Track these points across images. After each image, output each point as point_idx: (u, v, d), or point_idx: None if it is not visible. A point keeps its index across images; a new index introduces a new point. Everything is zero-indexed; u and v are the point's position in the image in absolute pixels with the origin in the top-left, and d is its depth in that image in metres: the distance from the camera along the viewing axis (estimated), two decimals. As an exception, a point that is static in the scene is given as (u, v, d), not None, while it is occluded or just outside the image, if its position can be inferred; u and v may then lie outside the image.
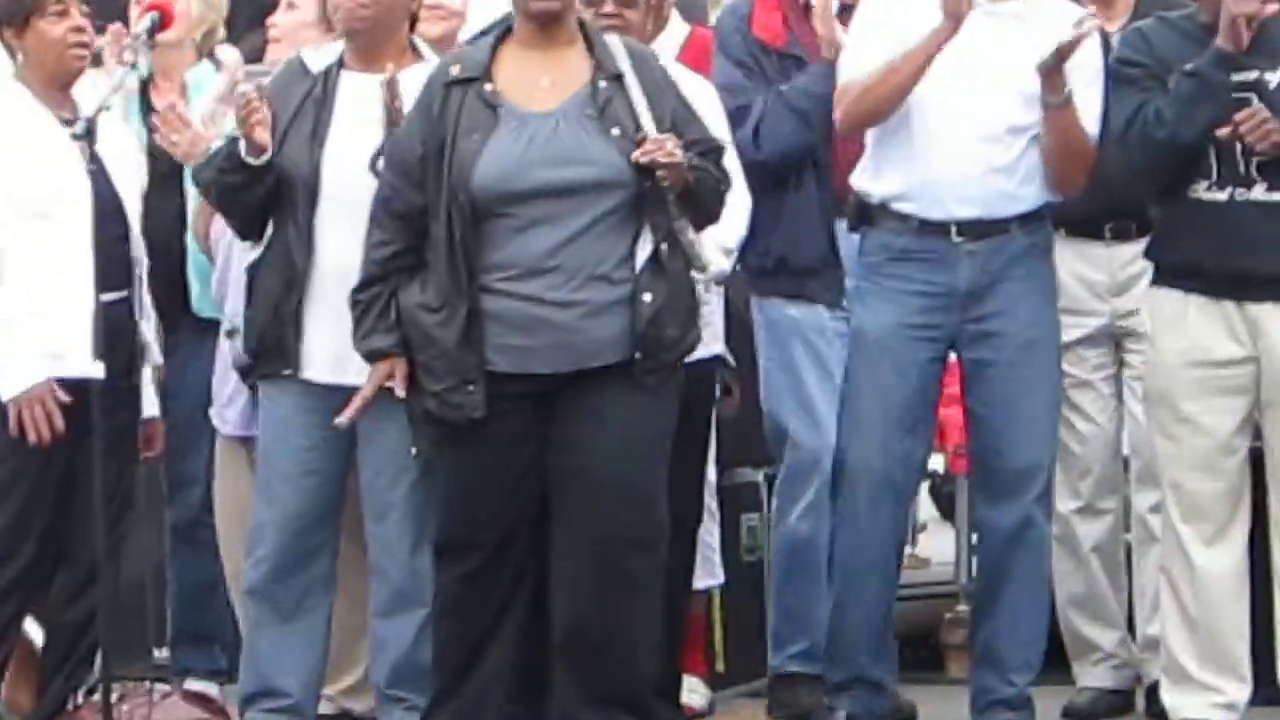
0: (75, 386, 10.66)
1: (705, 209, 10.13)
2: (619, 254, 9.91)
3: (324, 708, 11.26)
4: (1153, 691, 11.71)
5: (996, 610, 11.27)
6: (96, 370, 10.47)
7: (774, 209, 11.65)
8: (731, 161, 10.50)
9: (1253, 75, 10.73)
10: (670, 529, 10.44)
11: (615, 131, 9.86)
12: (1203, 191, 10.83)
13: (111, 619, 10.73)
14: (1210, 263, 10.84)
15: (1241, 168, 10.72)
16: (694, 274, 10.18)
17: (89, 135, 10.46)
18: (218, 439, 11.72)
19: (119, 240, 10.97)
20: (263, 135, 10.27)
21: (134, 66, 11.55)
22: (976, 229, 10.93)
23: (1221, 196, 10.77)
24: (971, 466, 12.14)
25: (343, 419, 10.08)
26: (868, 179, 11.15)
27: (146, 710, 10.90)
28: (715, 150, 10.24)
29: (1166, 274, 11.11)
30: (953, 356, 11.52)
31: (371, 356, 10.00)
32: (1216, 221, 10.82)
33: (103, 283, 10.65)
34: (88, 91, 11.10)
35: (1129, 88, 10.97)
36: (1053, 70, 10.60)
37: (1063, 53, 10.53)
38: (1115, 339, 12.01)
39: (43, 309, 10.85)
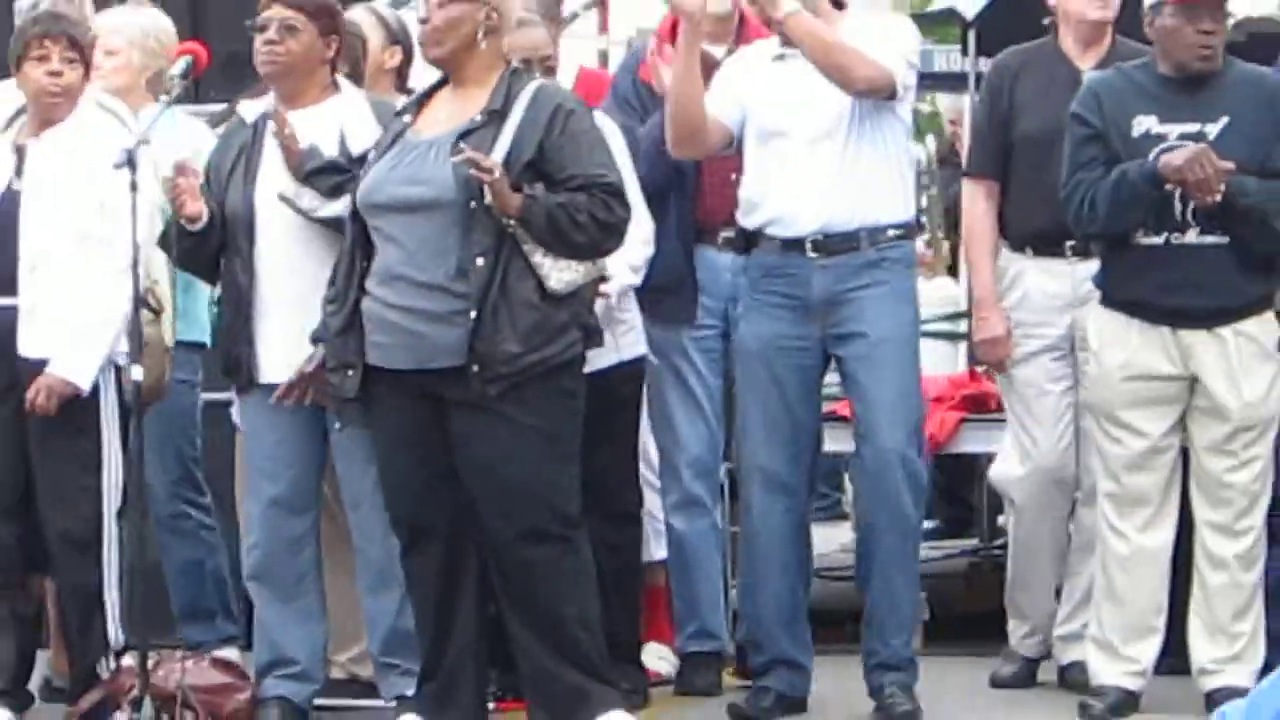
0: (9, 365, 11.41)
1: (560, 237, 10.65)
2: (455, 268, 10.67)
3: (335, 673, 12.13)
4: (1063, 670, 12.63)
5: (872, 574, 12.06)
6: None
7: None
8: (633, 195, 11.44)
9: (1194, 128, 11.47)
10: (606, 513, 11.65)
11: (456, 159, 10.57)
12: (1141, 237, 11.63)
13: (134, 584, 11.21)
14: (1149, 298, 11.67)
15: (1178, 214, 11.50)
16: (603, 287, 11.39)
17: (130, 164, 10.76)
18: (238, 436, 12.28)
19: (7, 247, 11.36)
20: (193, 207, 11.14)
21: (171, 104, 11.84)
22: (826, 246, 11.76)
23: (1158, 241, 11.63)
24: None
25: (275, 396, 11.18)
26: (741, 213, 11.99)
27: (180, 673, 11.17)
28: (595, 186, 10.74)
29: (1112, 300, 11.92)
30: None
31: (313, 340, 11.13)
32: (1154, 263, 11.68)
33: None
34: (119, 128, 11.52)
35: (1077, 143, 11.79)
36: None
37: None
38: (1074, 351, 12.56)
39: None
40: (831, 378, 12.47)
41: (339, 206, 11.18)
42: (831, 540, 13.85)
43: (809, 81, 11.66)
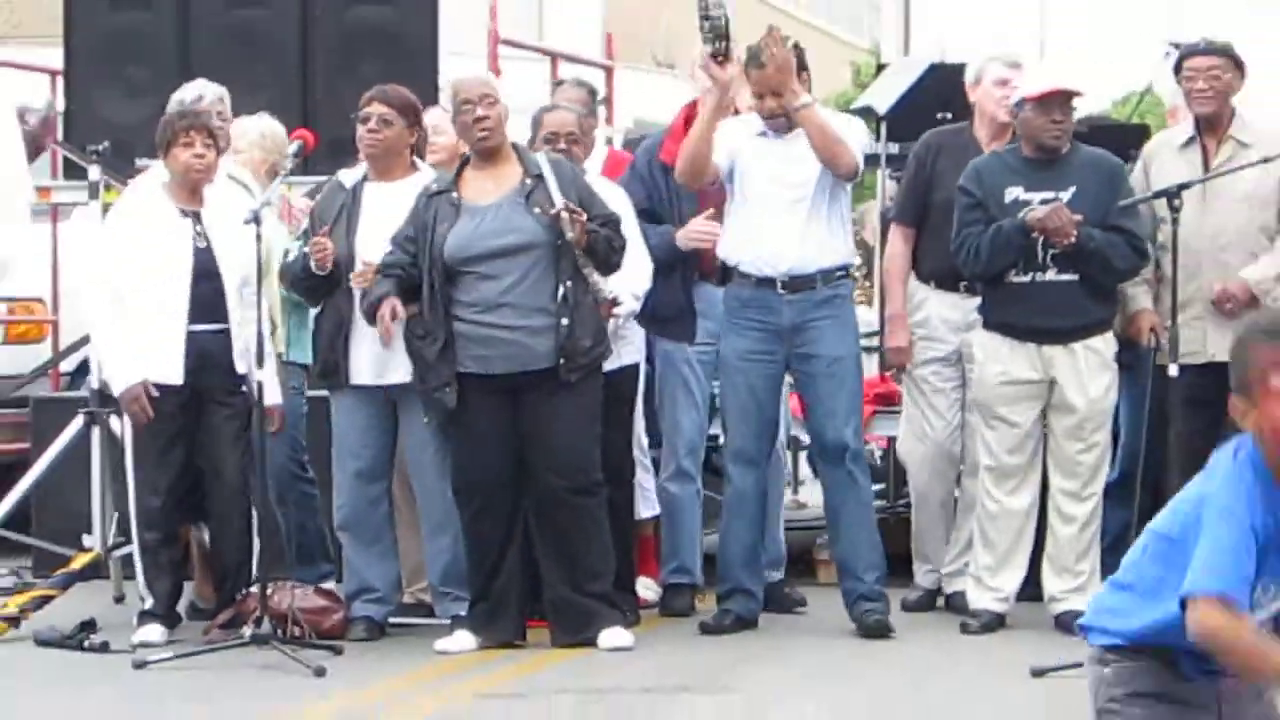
0: (185, 386, 11.39)
1: (603, 259, 11.35)
2: (547, 293, 11.19)
3: (405, 599, 12.10)
4: (949, 598, 12.67)
5: (840, 536, 12.18)
6: (177, 377, 11.36)
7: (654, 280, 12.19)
8: (630, 230, 11.77)
9: (1051, 195, 11.61)
10: (609, 478, 11.66)
11: (537, 210, 11.20)
12: (1012, 276, 11.78)
13: (267, 540, 11.37)
14: (1018, 321, 11.85)
15: (1039, 258, 11.68)
16: (615, 310, 11.53)
17: (256, 220, 10.93)
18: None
19: (208, 295, 11.40)
20: (325, 263, 11.30)
21: (286, 176, 11.91)
22: (797, 284, 11.86)
23: (1025, 279, 11.81)
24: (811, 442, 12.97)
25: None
26: (725, 253, 12.01)
27: (290, 599, 11.23)
28: (611, 221, 11.43)
29: (990, 324, 12.05)
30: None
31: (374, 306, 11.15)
32: (1022, 295, 11.84)
33: (196, 317, 11.37)
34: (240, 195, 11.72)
35: (963, 209, 11.94)
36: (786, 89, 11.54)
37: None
38: (962, 361, 12.61)
39: (141, 335, 11.32)
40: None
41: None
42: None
43: (787, 157, 11.84)
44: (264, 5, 14.15)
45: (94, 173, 13.24)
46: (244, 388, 11.55)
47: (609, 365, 11.79)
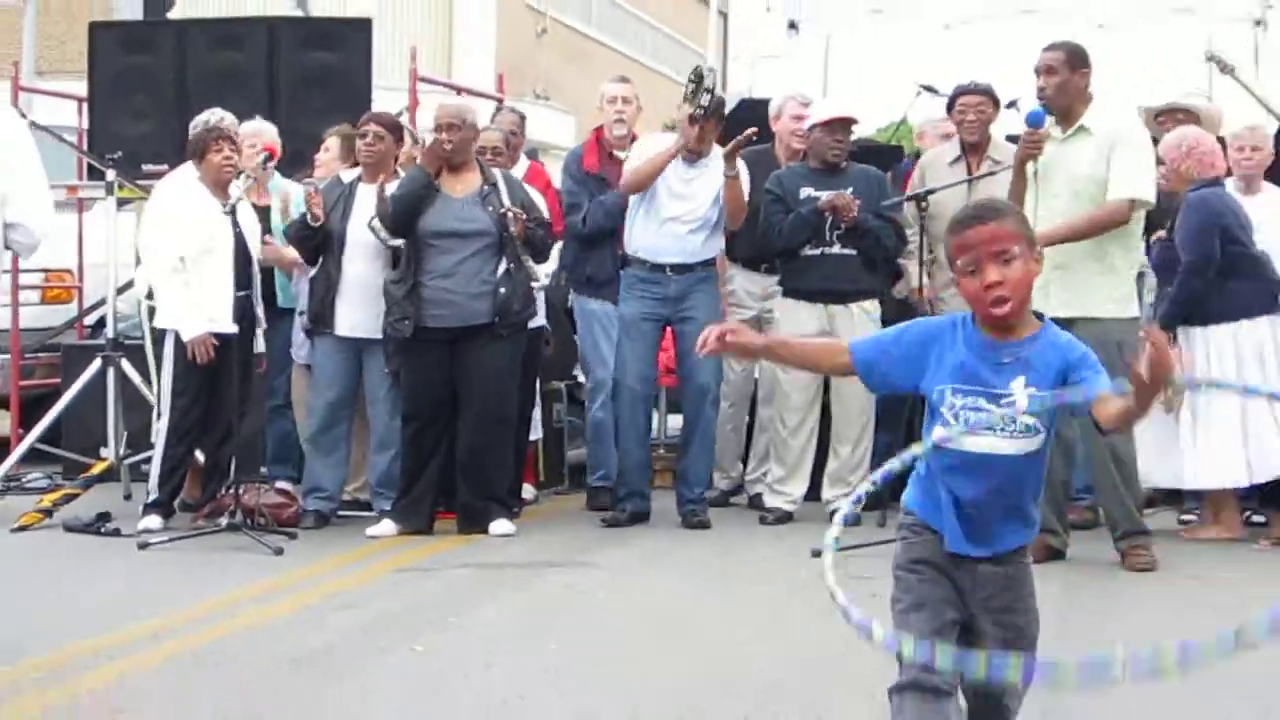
0: (220, 336, 11.25)
1: (536, 249, 11.50)
2: (490, 269, 11.26)
3: (346, 497, 12.10)
4: (751, 498, 12.71)
5: (685, 455, 12.20)
6: (231, 328, 11.24)
7: (590, 253, 12.52)
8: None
9: (832, 192, 11.63)
10: (517, 411, 11.78)
11: (489, 208, 11.23)
12: (805, 251, 11.79)
13: (241, 452, 11.42)
14: (810, 287, 11.85)
15: (827, 236, 11.71)
16: (531, 282, 11.52)
17: (232, 212, 11.11)
18: (294, 366, 12.40)
19: (244, 265, 11.38)
20: (318, 212, 11.31)
21: (252, 181, 11.76)
22: (680, 269, 11.91)
23: (815, 253, 11.79)
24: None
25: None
26: (629, 243, 12.04)
27: (257, 496, 11.29)
28: (543, 224, 11.56)
29: (789, 291, 12.04)
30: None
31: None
32: (812, 267, 11.83)
33: (236, 285, 11.33)
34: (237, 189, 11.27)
35: (768, 204, 11.89)
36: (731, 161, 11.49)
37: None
38: (760, 323, 12.31)
39: (205, 298, 11.28)
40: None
41: (398, 240, 11.45)
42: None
43: (693, 180, 11.87)
44: (240, 50, 14.12)
45: (110, 175, 13.17)
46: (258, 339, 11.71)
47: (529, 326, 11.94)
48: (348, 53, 14.05)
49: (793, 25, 18.98)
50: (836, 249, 11.84)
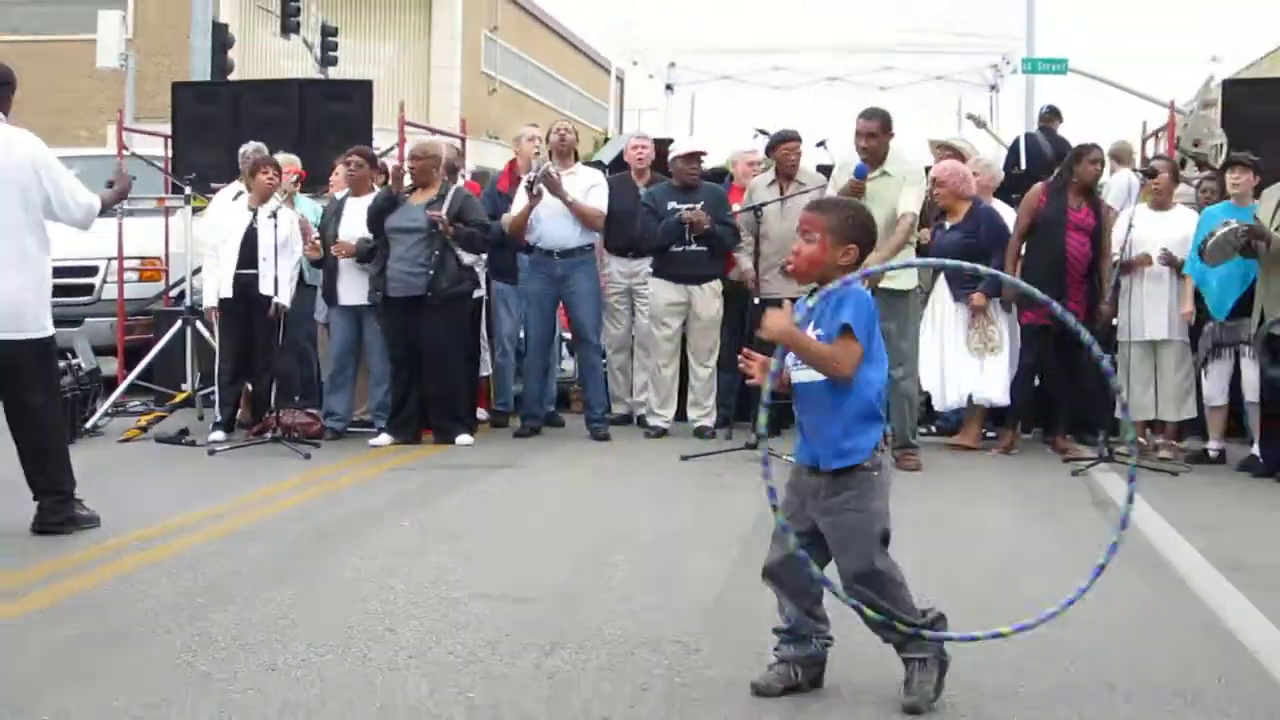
0: (254, 297, 11.27)
1: (466, 244, 11.20)
2: (429, 255, 11.04)
3: (354, 418, 11.91)
4: (638, 419, 12.48)
5: (586, 387, 12.19)
6: (228, 291, 11.39)
7: (498, 251, 11.99)
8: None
9: (691, 205, 11.51)
10: (467, 356, 11.65)
11: (430, 211, 11.03)
12: (672, 249, 11.58)
13: (280, 385, 11.37)
14: (674, 272, 11.69)
15: (687, 238, 11.52)
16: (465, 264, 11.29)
17: (273, 216, 10.94)
18: (318, 326, 12.37)
19: (251, 252, 11.18)
20: (315, 255, 11.79)
21: (291, 197, 11.73)
22: (564, 254, 11.76)
23: (679, 250, 11.60)
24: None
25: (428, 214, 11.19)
26: (529, 237, 11.72)
27: (292, 416, 11.25)
28: (480, 225, 11.29)
29: (659, 273, 11.82)
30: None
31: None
32: (677, 258, 11.63)
33: (243, 264, 11.30)
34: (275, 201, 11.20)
35: (644, 215, 11.80)
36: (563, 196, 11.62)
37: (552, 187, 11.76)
38: (630, 294, 12.21)
39: (215, 273, 11.47)
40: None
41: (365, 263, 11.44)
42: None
43: (561, 208, 11.70)
44: (279, 102, 14.07)
45: (187, 190, 13.16)
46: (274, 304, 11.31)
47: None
48: (355, 104, 14.02)
49: (669, 87, 18.94)
50: (693, 246, 11.73)
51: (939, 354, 11.39)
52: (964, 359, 11.37)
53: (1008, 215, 11.76)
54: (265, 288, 11.24)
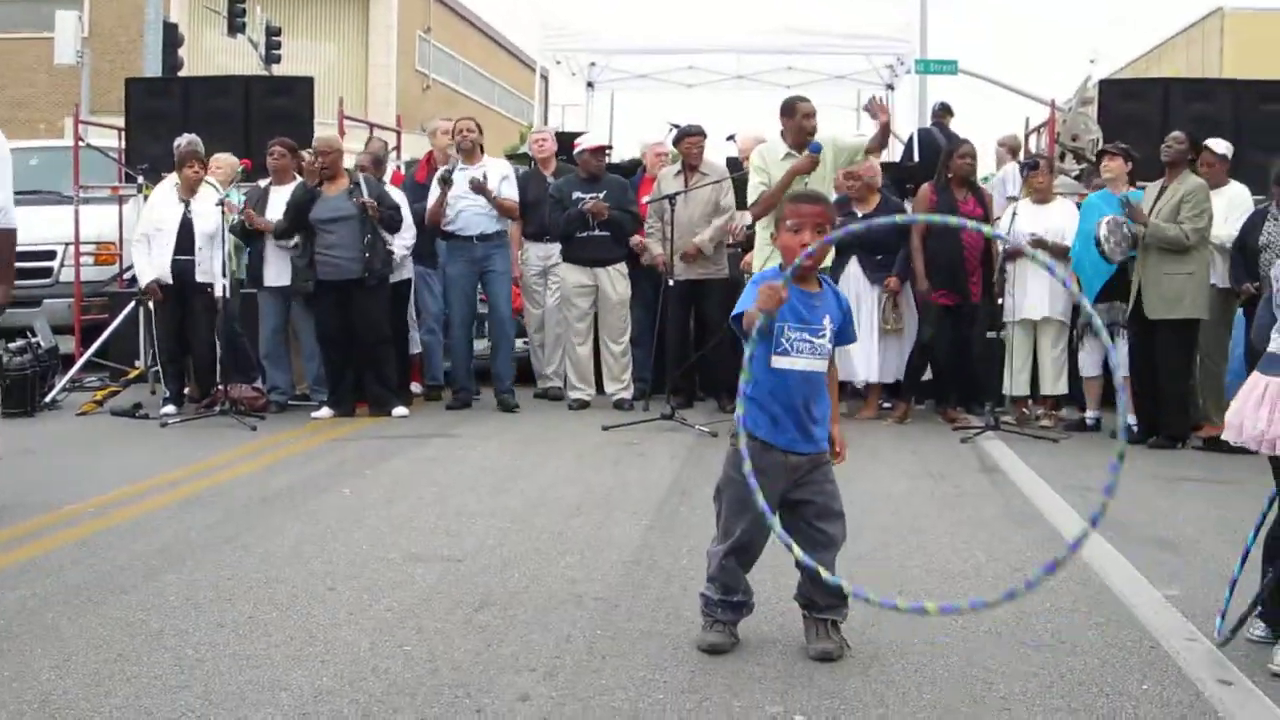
0: (188, 281, 11.27)
1: (388, 226, 11.11)
2: (360, 240, 10.92)
3: (296, 392, 11.89)
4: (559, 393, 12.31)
5: (496, 362, 11.88)
6: (168, 278, 11.27)
7: (419, 237, 11.73)
8: (405, 213, 11.40)
9: (595, 195, 11.47)
10: (395, 335, 11.60)
11: (352, 199, 10.93)
12: (577, 234, 11.50)
13: (225, 363, 11.31)
14: (582, 257, 11.62)
15: (591, 225, 11.43)
16: (389, 248, 11.20)
17: (222, 204, 10.95)
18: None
19: (187, 239, 11.14)
20: (260, 224, 11.42)
21: (238, 186, 11.97)
22: (483, 238, 11.65)
23: (585, 235, 11.50)
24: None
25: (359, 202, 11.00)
26: (448, 226, 11.65)
27: (239, 391, 11.22)
28: (396, 209, 11.20)
29: (568, 258, 11.71)
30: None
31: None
32: (583, 244, 11.55)
33: (179, 250, 11.19)
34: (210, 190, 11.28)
35: (552, 204, 11.75)
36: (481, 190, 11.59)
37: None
38: (545, 274, 12.15)
39: (152, 258, 11.25)
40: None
41: (292, 241, 11.30)
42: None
43: (471, 193, 11.61)
44: (226, 97, 13.95)
45: (139, 180, 13.09)
46: (209, 289, 11.33)
47: (397, 278, 11.60)
48: (297, 100, 13.87)
49: (590, 85, 18.88)
50: (597, 233, 11.68)
51: (863, 334, 11.42)
52: (877, 337, 11.51)
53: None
54: (201, 276, 11.30)
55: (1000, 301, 11.07)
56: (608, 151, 12.16)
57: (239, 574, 5.83)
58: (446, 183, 11.60)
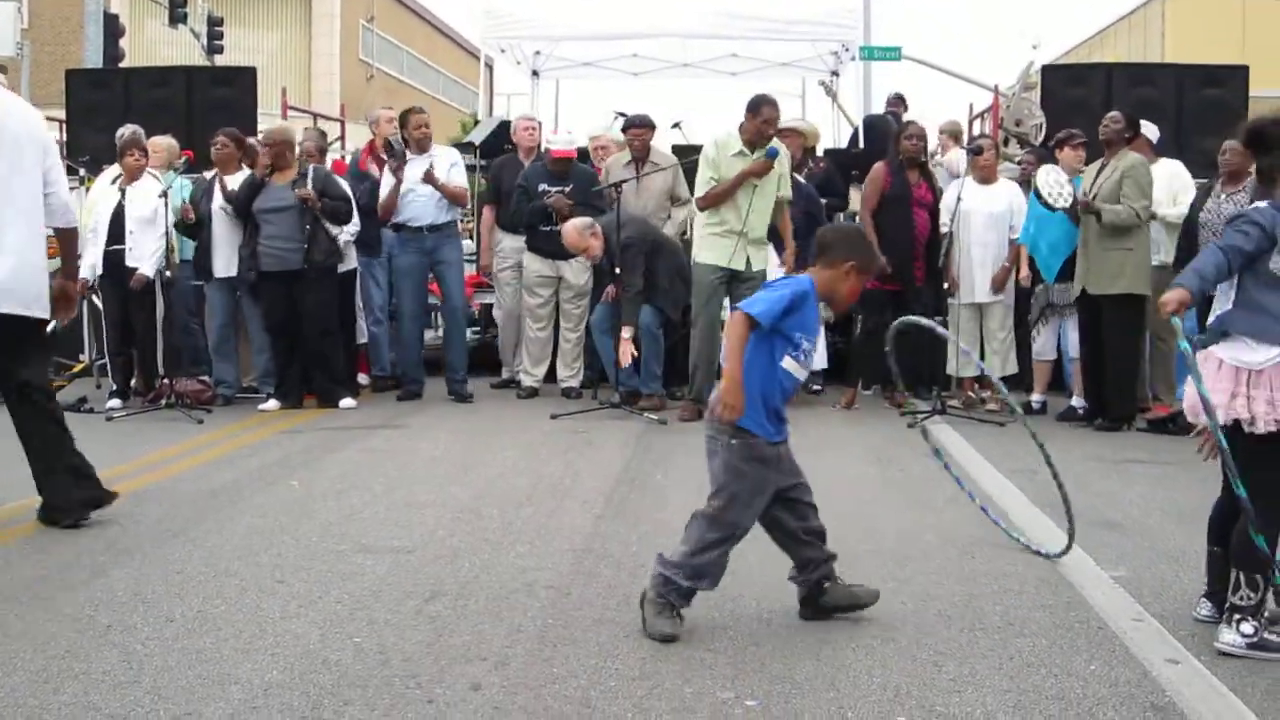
0: (116, 271, 11.18)
1: (332, 217, 11.08)
2: (301, 231, 10.94)
3: (243, 385, 11.82)
4: (514, 382, 12.40)
5: (450, 352, 11.86)
6: (100, 270, 11.20)
7: (364, 227, 11.61)
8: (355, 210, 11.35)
9: (560, 188, 11.48)
10: (341, 324, 11.52)
11: (295, 191, 10.92)
12: (540, 227, 11.53)
13: (171, 356, 11.35)
14: (546, 249, 11.60)
15: (553, 218, 11.37)
16: (337, 238, 11.16)
17: (164, 194, 10.87)
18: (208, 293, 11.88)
19: (119, 229, 11.04)
20: (189, 218, 11.34)
21: (177, 174, 11.76)
22: (433, 228, 11.65)
23: (548, 229, 11.46)
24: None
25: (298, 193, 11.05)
26: (396, 217, 11.67)
27: (185, 385, 11.13)
28: (343, 199, 11.19)
29: (532, 249, 11.74)
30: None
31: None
32: (548, 236, 11.47)
33: (112, 241, 11.09)
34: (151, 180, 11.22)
35: (519, 194, 11.73)
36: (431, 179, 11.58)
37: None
38: (519, 267, 12.00)
39: (88, 250, 10.96)
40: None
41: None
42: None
43: (422, 184, 11.60)
44: (167, 88, 13.90)
45: (81, 172, 13.01)
46: (153, 279, 11.26)
47: (344, 268, 11.50)
48: (239, 90, 13.85)
49: (535, 73, 18.84)
50: (559, 227, 11.39)
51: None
52: None
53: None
54: (131, 261, 11.21)
55: (946, 286, 11.13)
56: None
57: (187, 568, 5.79)
58: (397, 157, 11.70)
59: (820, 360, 11.72)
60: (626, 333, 10.58)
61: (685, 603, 4.88)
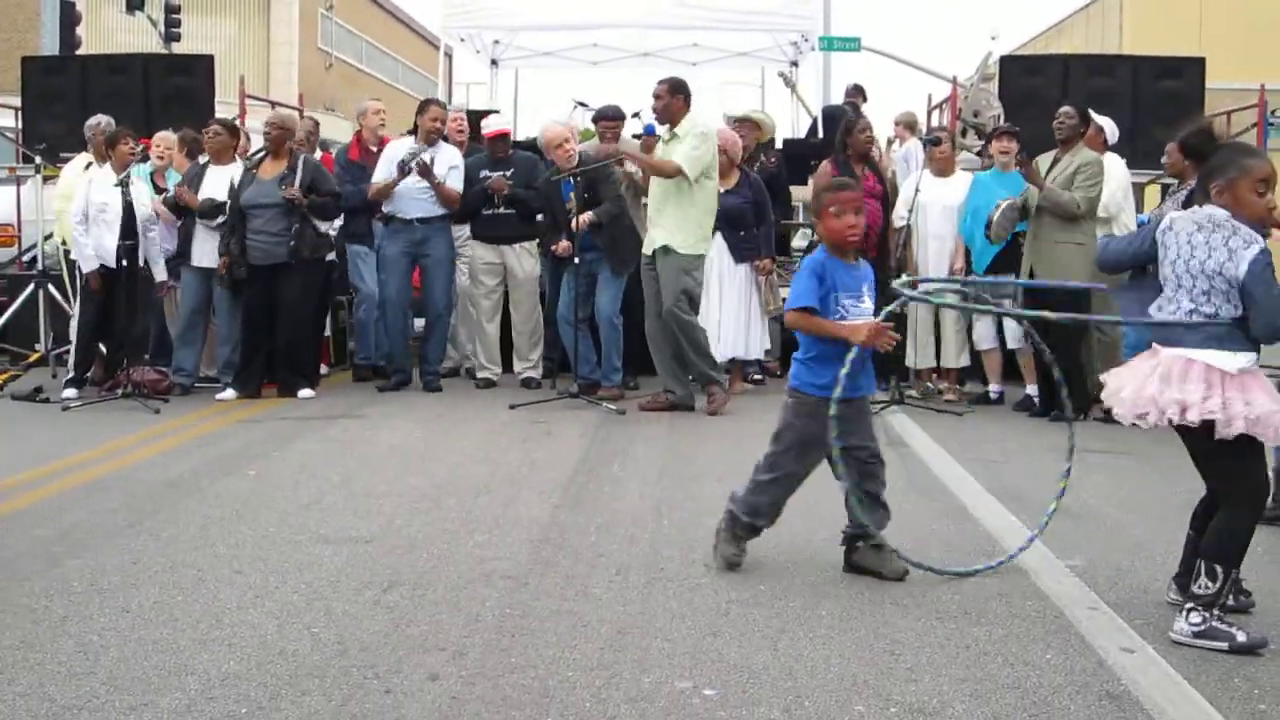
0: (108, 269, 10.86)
1: (321, 212, 11.08)
2: (287, 225, 10.88)
3: (201, 374, 11.65)
4: (470, 372, 12.37)
5: (427, 345, 11.81)
6: (111, 263, 10.90)
7: (353, 217, 11.88)
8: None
9: (502, 173, 11.51)
10: (314, 311, 11.51)
11: (283, 187, 10.86)
12: (483, 211, 11.45)
13: (131, 347, 10.95)
14: (488, 234, 11.58)
15: (497, 203, 11.40)
16: (326, 233, 11.19)
17: (124, 184, 10.53)
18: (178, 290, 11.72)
19: (129, 222, 10.70)
20: (189, 200, 11.20)
21: (141, 164, 11.34)
22: (423, 221, 11.53)
23: (490, 213, 11.49)
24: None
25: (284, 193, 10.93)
26: (388, 207, 11.58)
27: (142, 374, 10.95)
28: (332, 195, 11.17)
29: (476, 236, 11.63)
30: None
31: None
32: (490, 221, 11.48)
33: (123, 236, 10.73)
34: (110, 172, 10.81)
35: (465, 184, 11.59)
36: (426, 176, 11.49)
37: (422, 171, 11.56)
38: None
39: (99, 244, 10.89)
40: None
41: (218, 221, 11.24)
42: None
43: (423, 184, 11.52)
44: (125, 75, 13.86)
45: (37, 160, 12.90)
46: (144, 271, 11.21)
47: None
48: (197, 78, 13.84)
49: (494, 63, 18.80)
50: (502, 210, 11.70)
51: (728, 311, 11.45)
52: (755, 318, 11.56)
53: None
54: (144, 259, 11.18)
55: (902, 275, 11.14)
56: (508, 137, 12.10)
57: (144, 559, 5.76)
58: (405, 171, 11.52)
59: (759, 347, 11.66)
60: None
61: (749, 535, 5.62)
